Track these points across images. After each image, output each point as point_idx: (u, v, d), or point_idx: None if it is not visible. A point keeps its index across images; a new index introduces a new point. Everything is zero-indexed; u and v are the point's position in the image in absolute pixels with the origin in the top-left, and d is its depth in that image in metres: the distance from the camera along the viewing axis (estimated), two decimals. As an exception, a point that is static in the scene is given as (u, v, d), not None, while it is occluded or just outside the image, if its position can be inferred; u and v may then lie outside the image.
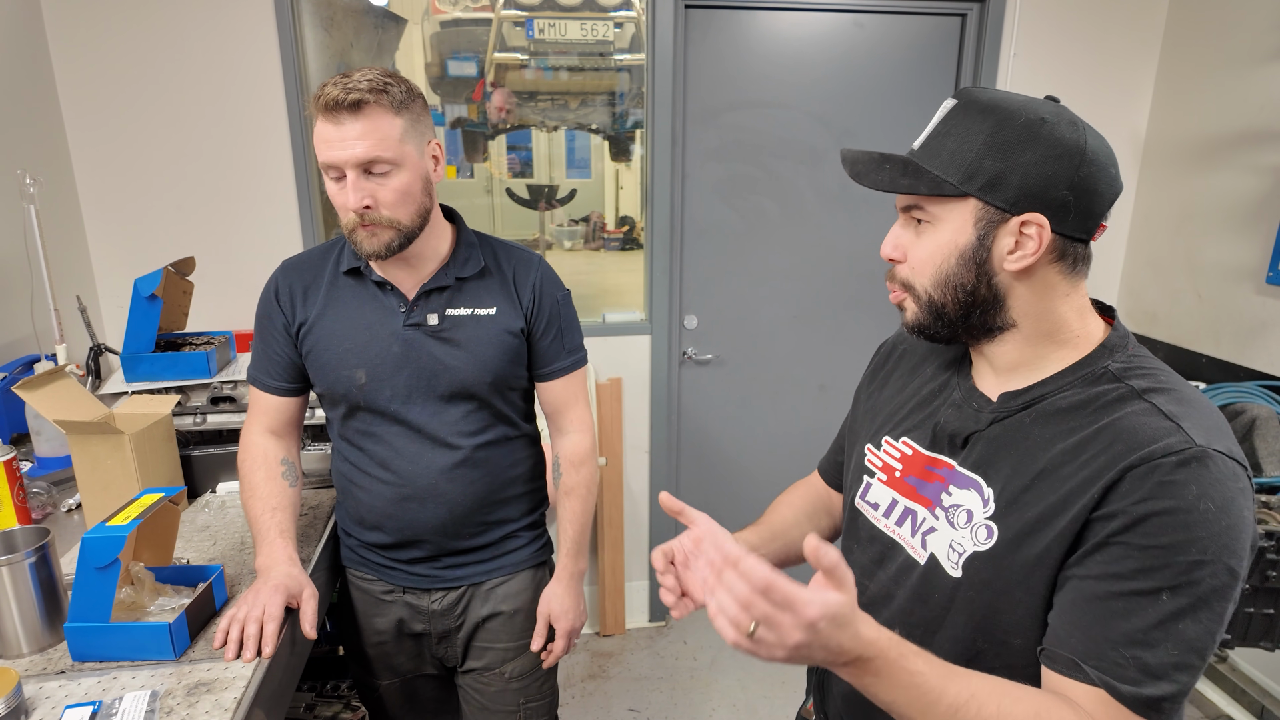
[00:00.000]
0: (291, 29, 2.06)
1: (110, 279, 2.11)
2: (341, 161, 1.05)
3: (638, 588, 2.67)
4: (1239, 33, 2.17)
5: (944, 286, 0.74)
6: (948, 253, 0.73)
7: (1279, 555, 1.48)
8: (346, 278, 1.20)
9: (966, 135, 0.71)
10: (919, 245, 0.75)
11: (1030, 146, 0.69)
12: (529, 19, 2.24)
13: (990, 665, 0.75)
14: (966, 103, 0.73)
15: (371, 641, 1.32)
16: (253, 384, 1.26)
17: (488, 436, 1.24)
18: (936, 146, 0.73)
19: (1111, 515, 0.66)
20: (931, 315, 0.77)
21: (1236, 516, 0.64)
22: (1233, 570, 0.64)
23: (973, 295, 0.74)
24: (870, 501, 0.88)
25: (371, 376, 1.18)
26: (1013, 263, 0.71)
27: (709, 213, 2.44)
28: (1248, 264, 2.16)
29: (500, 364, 1.21)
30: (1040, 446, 0.73)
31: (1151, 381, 0.71)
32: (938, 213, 0.73)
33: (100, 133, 2.03)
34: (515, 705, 1.34)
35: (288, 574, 1.10)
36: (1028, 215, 0.70)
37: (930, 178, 0.72)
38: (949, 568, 0.77)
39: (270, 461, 1.23)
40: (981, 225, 0.71)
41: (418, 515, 1.23)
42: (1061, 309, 0.74)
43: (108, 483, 1.28)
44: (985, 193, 0.70)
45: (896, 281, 0.79)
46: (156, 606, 1.05)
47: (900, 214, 0.78)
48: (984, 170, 0.70)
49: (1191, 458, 0.64)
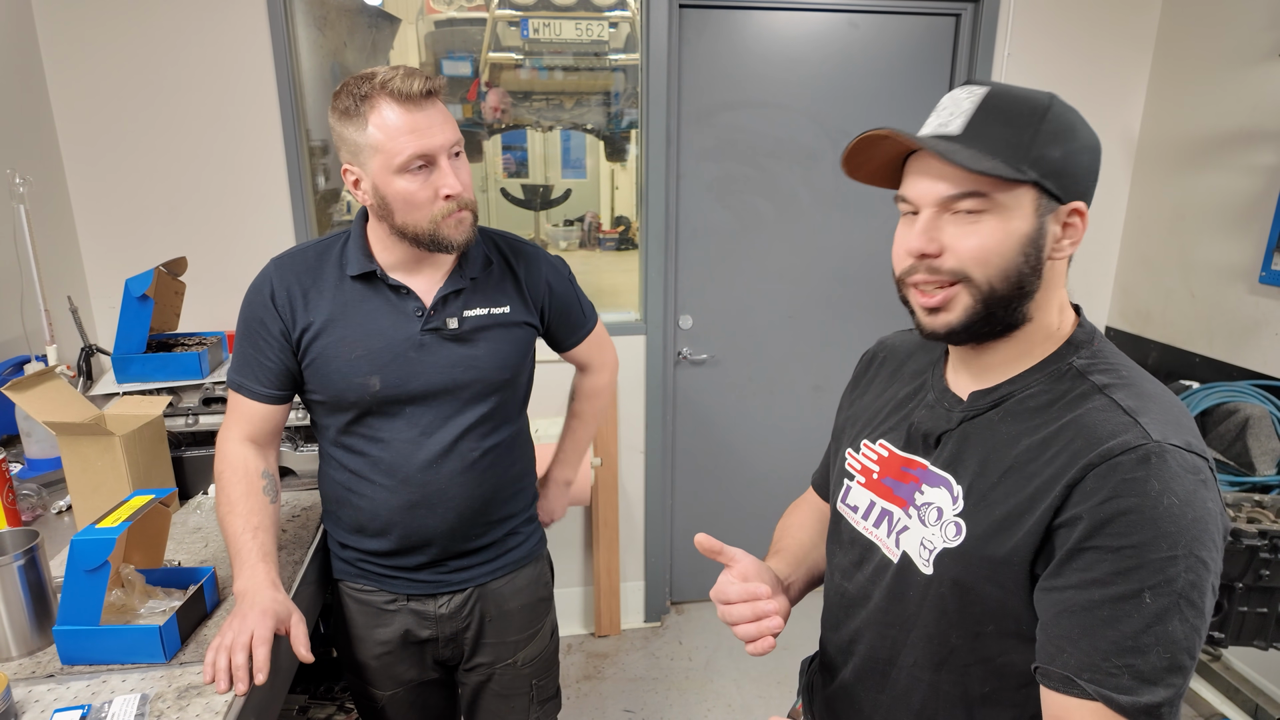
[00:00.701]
0: (284, 28, 2.05)
1: (102, 279, 2.10)
2: (438, 147, 1.05)
3: (633, 588, 2.67)
4: (1232, 32, 2.17)
5: (1010, 277, 0.71)
6: (1014, 241, 0.70)
7: (1272, 554, 1.48)
8: (356, 283, 1.14)
9: (1020, 121, 0.70)
10: (971, 235, 0.71)
11: (1075, 136, 0.71)
12: (524, 19, 2.24)
13: (965, 660, 0.76)
14: (999, 90, 0.72)
15: (374, 654, 1.28)
16: (236, 390, 1.18)
17: (498, 438, 1.23)
18: (984, 133, 0.70)
19: (1078, 518, 0.66)
20: (987, 309, 0.72)
21: (1201, 509, 0.64)
22: (1205, 562, 0.64)
23: (1023, 285, 0.72)
24: (850, 504, 0.89)
25: (386, 383, 1.14)
26: (1063, 250, 0.73)
27: (704, 213, 2.44)
28: (1241, 263, 2.17)
29: (518, 360, 1.23)
30: (1007, 443, 0.73)
31: (1112, 377, 0.72)
32: (1002, 200, 0.70)
33: (92, 132, 2.02)
34: (528, 687, 1.37)
35: (273, 599, 1.02)
36: (1075, 203, 0.71)
37: (999, 164, 0.68)
38: (920, 565, 0.78)
39: (251, 475, 1.15)
40: (1041, 213, 0.71)
41: (426, 521, 1.20)
42: (1054, 300, 0.76)
43: (98, 484, 1.27)
44: (1048, 179, 0.70)
45: (941, 275, 0.72)
46: (147, 609, 1.04)
47: (934, 206, 0.72)
48: (1046, 158, 0.70)
49: (1150, 452, 0.65)
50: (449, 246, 1.10)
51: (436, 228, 1.08)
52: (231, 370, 1.19)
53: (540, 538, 1.38)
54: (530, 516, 1.35)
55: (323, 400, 1.18)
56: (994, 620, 0.74)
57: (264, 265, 1.19)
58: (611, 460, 2.49)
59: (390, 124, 1.03)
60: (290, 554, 1.28)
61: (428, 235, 1.09)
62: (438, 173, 1.06)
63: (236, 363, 1.19)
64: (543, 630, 1.38)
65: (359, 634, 1.28)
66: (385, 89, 1.02)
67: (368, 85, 1.03)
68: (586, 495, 2.32)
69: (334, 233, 1.22)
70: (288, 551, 1.29)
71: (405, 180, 1.05)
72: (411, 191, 1.06)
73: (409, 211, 1.08)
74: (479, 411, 1.20)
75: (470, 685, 1.36)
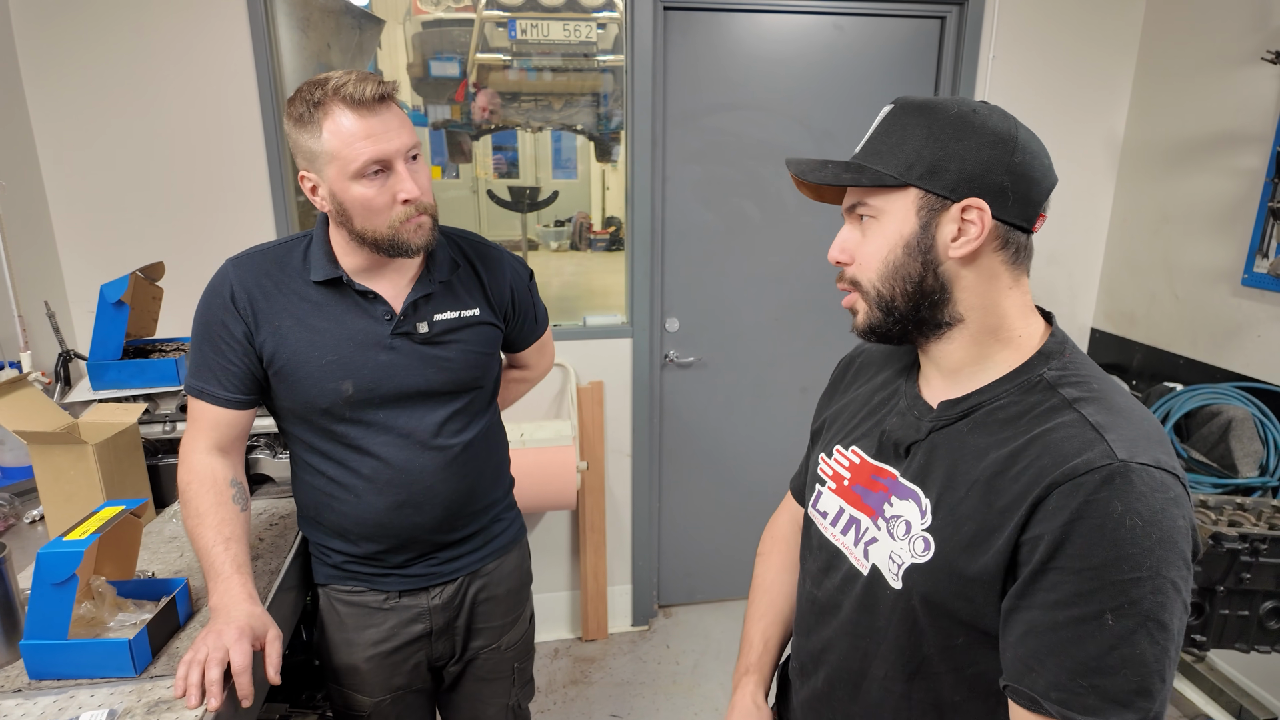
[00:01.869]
0: (265, 29, 2.03)
1: (81, 284, 2.07)
2: (394, 151, 1.04)
3: (620, 591, 2.66)
4: (1216, 35, 2.18)
5: (891, 278, 0.75)
6: (893, 243, 0.74)
7: (1252, 558, 1.49)
8: (320, 288, 1.13)
9: (904, 131, 0.73)
10: (865, 243, 0.76)
11: (965, 135, 0.71)
12: (511, 19, 2.23)
13: (937, 669, 0.76)
14: (902, 105, 0.75)
15: (364, 656, 1.26)
16: (197, 396, 1.13)
17: (474, 431, 1.25)
18: (876, 146, 0.75)
19: (1040, 537, 0.65)
20: (881, 310, 0.76)
21: (1169, 528, 0.63)
22: (1174, 583, 0.63)
23: (920, 285, 0.74)
24: (820, 510, 0.89)
25: (359, 386, 1.14)
26: (957, 249, 0.72)
27: (690, 215, 2.43)
28: (1224, 266, 2.18)
29: (489, 360, 1.25)
30: (975, 456, 0.73)
31: (1083, 390, 0.71)
32: (881, 205, 0.74)
33: (69, 134, 1.99)
34: (510, 670, 1.41)
35: (249, 613, 1.00)
36: (968, 200, 0.71)
37: (871, 172, 0.73)
38: (890, 579, 0.77)
39: (220, 484, 1.12)
40: (924, 213, 0.72)
41: (413, 519, 1.21)
42: (1005, 303, 0.75)
43: (71, 494, 1.25)
44: (925, 181, 0.71)
45: (844, 281, 0.79)
46: (116, 622, 1.02)
47: (845, 216, 0.79)
48: (922, 160, 0.71)
49: (1114, 473, 0.63)
50: (409, 251, 1.10)
51: (395, 233, 1.08)
52: (191, 376, 1.15)
53: (521, 523, 1.42)
54: (510, 502, 1.39)
55: (293, 408, 1.16)
56: (965, 633, 0.73)
57: (220, 266, 1.16)
58: (598, 463, 2.48)
59: (344, 130, 1.02)
60: (267, 563, 1.26)
61: (387, 240, 1.08)
62: (395, 177, 1.05)
63: (196, 368, 1.14)
64: (524, 614, 1.43)
65: (348, 637, 1.26)
66: (338, 94, 1.01)
67: (320, 91, 1.02)
68: (573, 499, 2.31)
69: (290, 236, 1.20)
70: (264, 560, 1.27)
71: (362, 186, 1.04)
72: (369, 197, 1.05)
73: (367, 217, 1.07)
74: (453, 408, 1.21)
75: (453, 671, 1.37)
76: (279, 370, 1.14)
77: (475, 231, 1.31)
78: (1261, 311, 2.07)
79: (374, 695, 1.29)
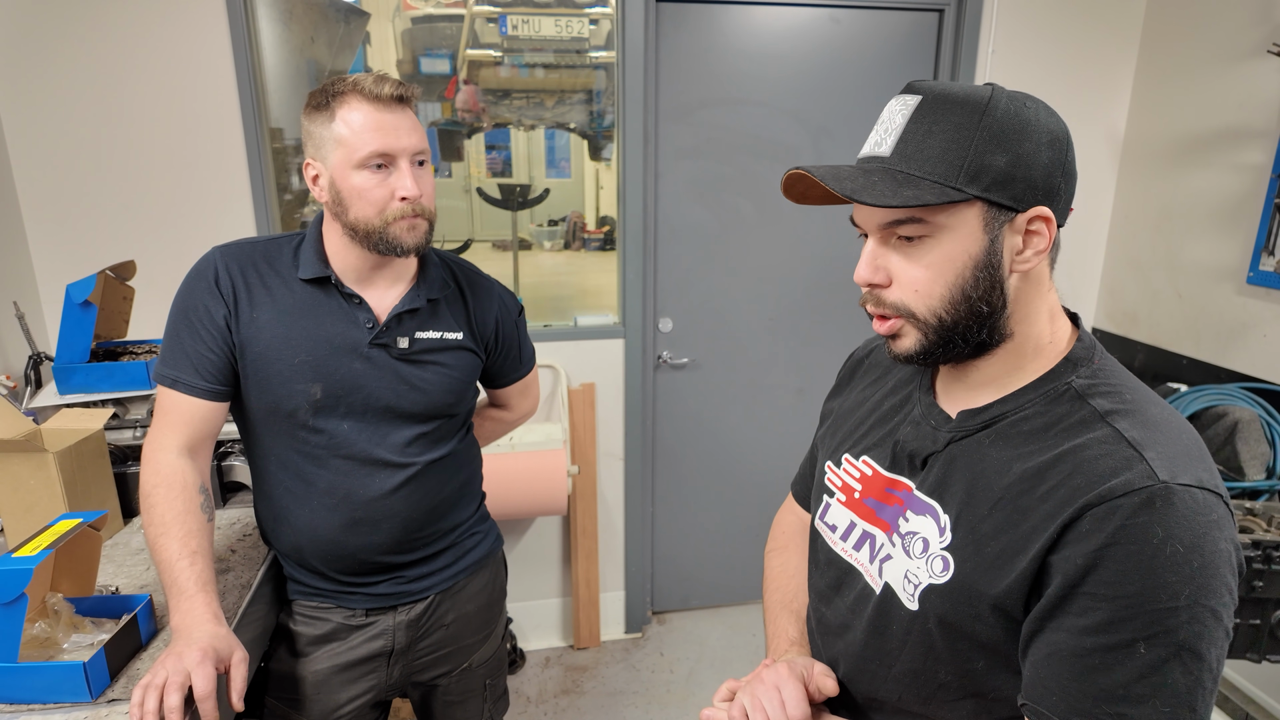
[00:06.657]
0: (244, 22, 1.97)
1: (53, 284, 2.01)
2: (400, 149, 1.05)
3: (613, 599, 2.61)
4: (1218, 29, 2.14)
5: (958, 304, 0.65)
6: (960, 265, 0.64)
7: (1264, 565, 1.44)
8: (306, 285, 1.11)
9: (955, 131, 0.63)
10: (915, 264, 0.66)
11: (1025, 135, 0.63)
12: (502, 15, 2.18)
13: (954, 695, 0.71)
14: (933, 97, 0.65)
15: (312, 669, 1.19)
16: (171, 385, 1.07)
17: (438, 452, 1.20)
18: (918, 148, 0.64)
19: (1069, 559, 0.60)
20: (941, 340, 0.67)
21: (1211, 553, 0.58)
22: (1214, 611, 0.58)
23: (989, 307, 0.66)
24: (829, 523, 0.83)
25: (328, 391, 1.10)
26: (1023, 263, 0.65)
27: (683, 213, 2.38)
28: (1228, 264, 2.13)
29: (466, 387, 1.22)
30: (998, 470, 0.67)
31: (1116, 402, 0.65)
32: (941, 222, 0.64)
33: (40, 128, 1.93)
34: (481, 687, 1.38)
35: (213, 634, 0.94)
36: (1035, 210, 0.64)
37: (930, 185, 0.63)
38: (905, 599, 0.72)
39: (189, 490, 1.05)
40: (993, 228, 0.64)
41: (370, 538, 1.16)
42: (1040, 309, 0.69)
43: (31, 505, 1.19)
44: (993, 191, 0.63)
45: (885, 306, 0.68)
46: (72, 643, 0.96)
47: (877, 232, 0.68)
48: (990, 167, 0.62)
49: (1155, 495, 0.58)
50: (399, 249, 1.08)
51: (387, 226, 1.07)
52: (163, 365, 1.08)
53: (496, 537, 1.37)
54: (484, 515, 1.34)
55: (259, 408, 1.12)
56: (985, 656, 0.68)
57: (206, 252, 1.13)
58: (590, 468, 2.42)
59: (356, 120, 1.04)
60: (239, 576, 1.20)
61: (378, 233, 1.07)
62: (396, 174, 1.06)
63: (170, 355, 1.08)
64: (496, 630, 1.38)
65: (302, 650, 1.20)
66: (358, 88, 1.04)
67: (342, 84, 1.05)
68: (564, 504, 2.26)
69: (284, 233, 1.18)
70: (236, 574, 1.21)
71: (363, 176, 1.05)
72: (367, 187, 1.05)
73: (361, 206, 1.06)
74: (419, 430, 1.17)
75: (419, 694, 1.33)
76: (250, 363, 1.10)
77: (466, 233, 1.27)
78: (1267, 310, 2.03)
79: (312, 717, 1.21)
